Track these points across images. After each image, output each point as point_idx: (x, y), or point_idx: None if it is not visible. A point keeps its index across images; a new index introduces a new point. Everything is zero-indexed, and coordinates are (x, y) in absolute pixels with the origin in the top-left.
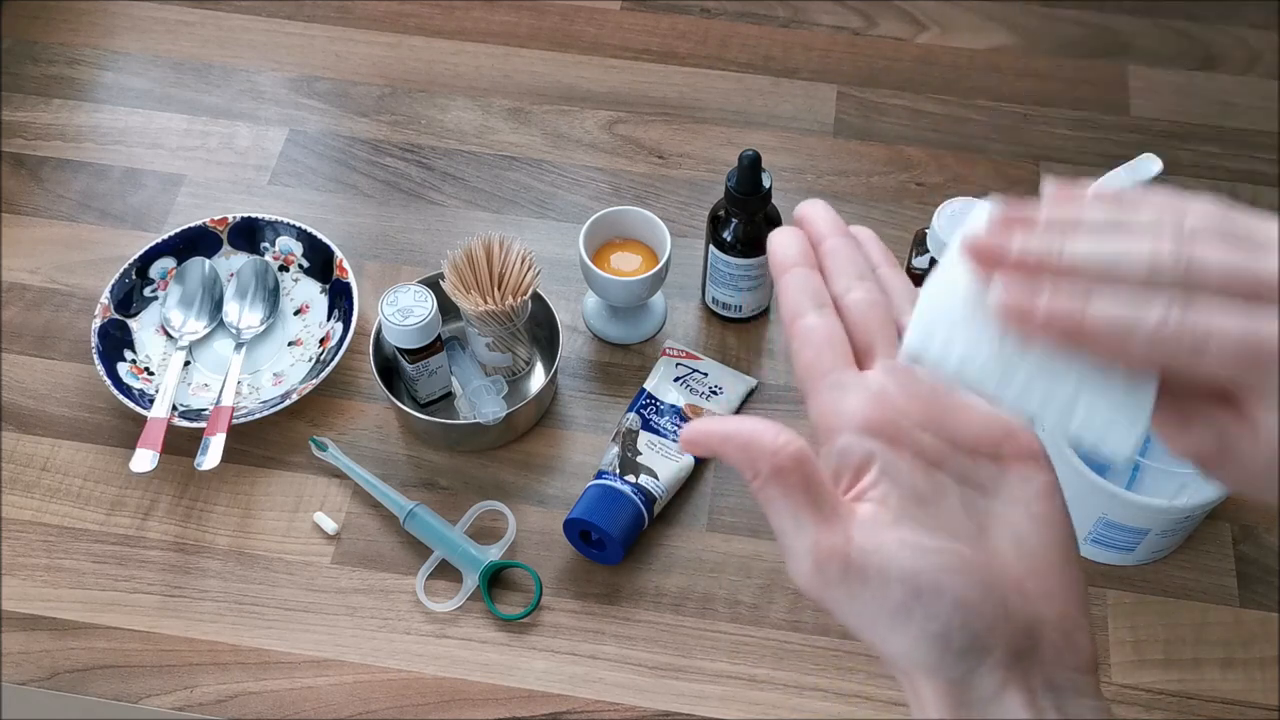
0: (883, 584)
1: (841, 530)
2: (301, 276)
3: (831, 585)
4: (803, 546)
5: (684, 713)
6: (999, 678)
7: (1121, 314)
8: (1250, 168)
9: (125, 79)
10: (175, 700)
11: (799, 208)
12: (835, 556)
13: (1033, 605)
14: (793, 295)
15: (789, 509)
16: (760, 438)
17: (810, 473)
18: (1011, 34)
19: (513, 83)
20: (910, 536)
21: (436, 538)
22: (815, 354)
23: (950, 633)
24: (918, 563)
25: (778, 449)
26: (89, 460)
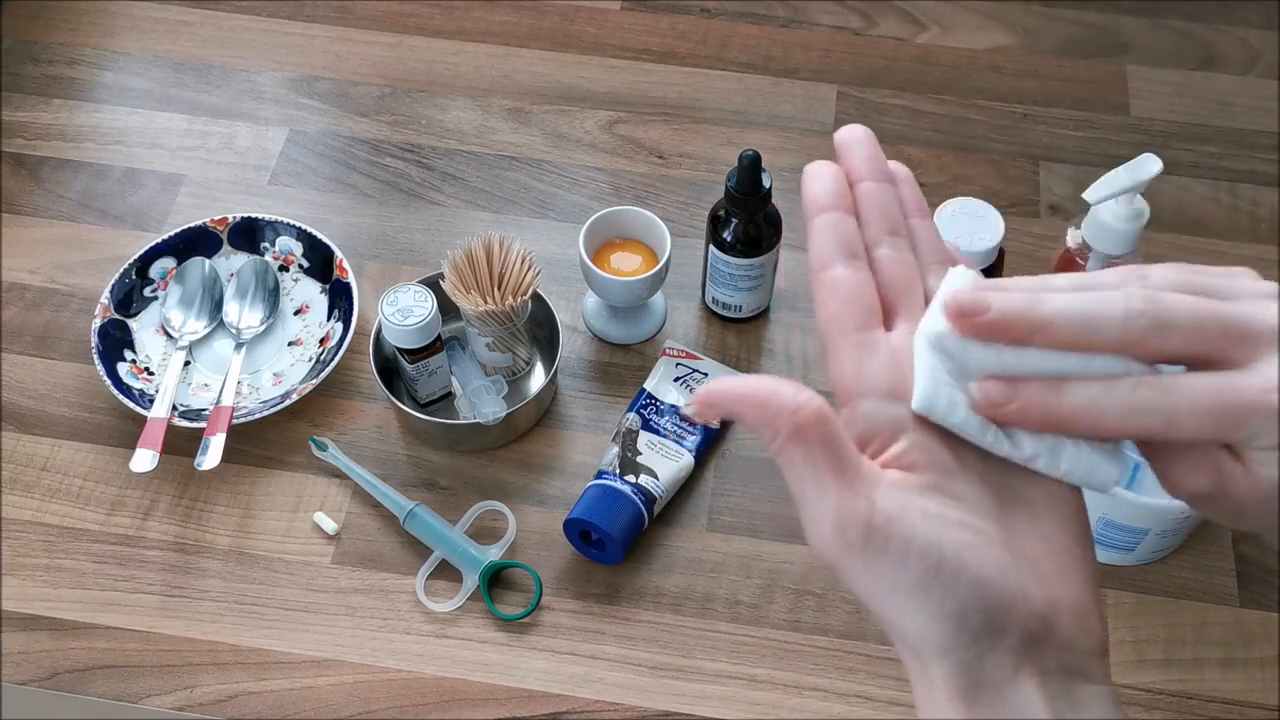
0: (903, 555)
1: (865, 494)
2: (301, 276)
3: (851, 551)
4: (823, 509)
5: (684, 713)
6: (1012, 661)
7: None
8: (1250, 168)
9: (125, 79)
10: (175, 700)
11: (840, 133)
12: (857, 520)
13: (1049, 587)
14: (823, 243)
15: (810, 470)
16: (779, 395)
17: (833, 432)
18: (1011, 34)
19: (513, 83)
20: (935, 507)
21: (436, 538)
22: (841, 307)
23: (967, 613)
24: (941, 536)
25: (798, 407)
26: (89, 460)
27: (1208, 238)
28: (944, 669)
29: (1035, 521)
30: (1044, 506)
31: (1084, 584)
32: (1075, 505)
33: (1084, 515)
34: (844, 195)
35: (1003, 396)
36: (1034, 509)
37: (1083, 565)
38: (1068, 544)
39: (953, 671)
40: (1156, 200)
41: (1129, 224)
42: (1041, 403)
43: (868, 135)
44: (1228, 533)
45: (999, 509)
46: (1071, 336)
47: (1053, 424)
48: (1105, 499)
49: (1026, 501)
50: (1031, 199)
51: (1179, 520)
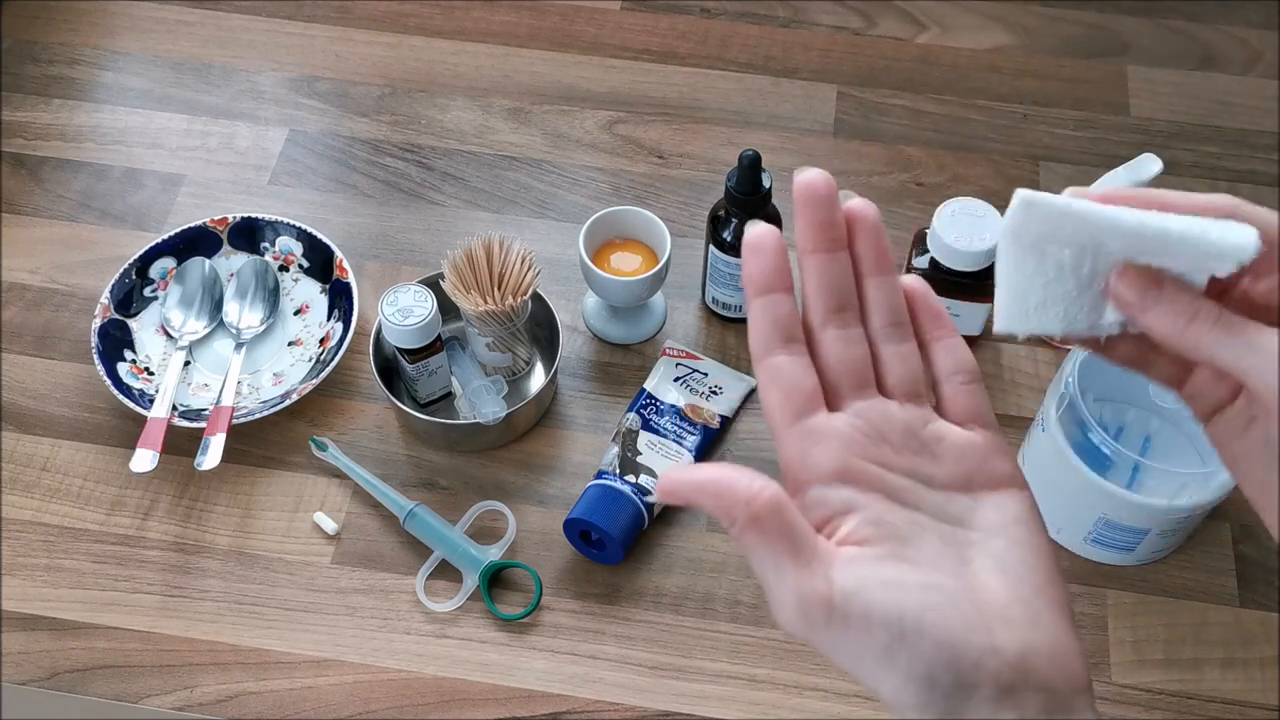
0: (866, 627)
1: (823, 574)
2: (301, 276)
3: (816, 629)
4: (785, 591)
5: (684, 713)
6: (989, 710)
7: None
8: (1250, 168)
9: (125, 79)
10: (175, 700)
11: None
12: (818, 601)
13: (1020, 633)
14: (761, 329)
15: (769, 555)
16: (734, 486)
17: (787, 518)
18: (1011, 34)
19: (513, 83)
20: (892, 574)
21: (436, 538)
22: (784, 397)
23: (935, 673)
24: (900, 603)
25: (752, 496)
26: (89, 460)
27: None
28: None
29: (1000, 571)
30: (1008, 555)
31: (1058, 625)
32: (1041, 546)
33: (1051, 555)
34: (782, 273)
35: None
36: (998, 559)
37: (1054, 606)
38: (1037, 587)
39: None
40: None
41: None
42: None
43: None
44: (1228, 533)
45: (960, 565)
46: None
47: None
48: (1105, 499)
49: (988, 551)
50: None
51: (1179, 520)
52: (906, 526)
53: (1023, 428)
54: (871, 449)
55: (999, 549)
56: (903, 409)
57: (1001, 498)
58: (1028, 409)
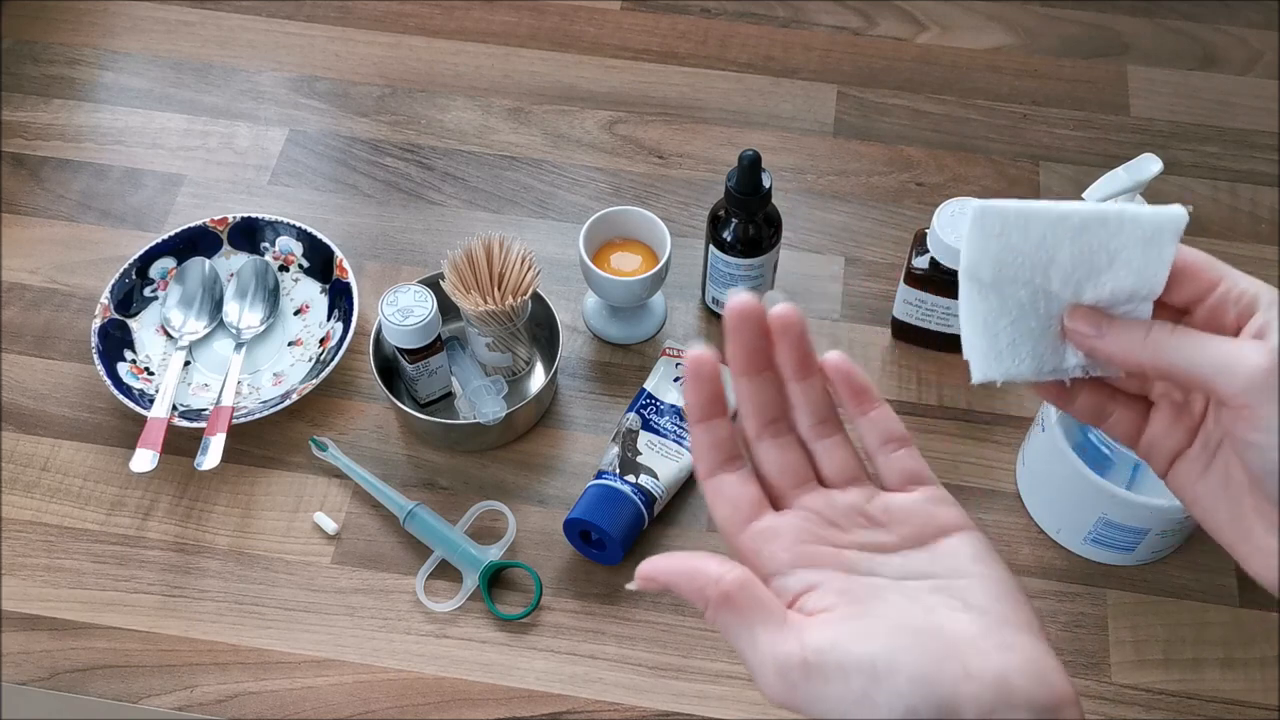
0: (842, 677)
1: (795, 637)
2: (301, 276)
3: (797, 688)
4: (762, 659)
5: (684, 713)
6: None
7: None
8: (1250, 168)
9: (125, 79)
10: (175, 700)
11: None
12: (794, 662)
13: (993, 659)
14: (704, 452)
15: (743, 628)
16: (705, 569)
17: (756, 593)
18: (1011, 34)
19: (513, 83)
20: (860, 628)
21: (436, 538)
22: (731, 510)
23: (916, 708)
24: (871, 649)
25: (721, 575)
26: (89, 460)
27: (1208, 238)
28: None
29: (965, 609)
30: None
31: (1029, 644)
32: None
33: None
34: (718, 399)
35: None
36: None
37: (1023, 629)
38: (1003, 616)
39: None
40: (1156, 200)
41: None
42: None
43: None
44: None
45: (926, 612)
46: None
47: None
48: (1105, 499)
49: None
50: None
51: (1179, 520)
52: (868, 590)
53: (1023, 428)
54: (821, 533)
55: (961, 588)
56: (844, 494)
57: (954, 541)
58: (1028, 409)
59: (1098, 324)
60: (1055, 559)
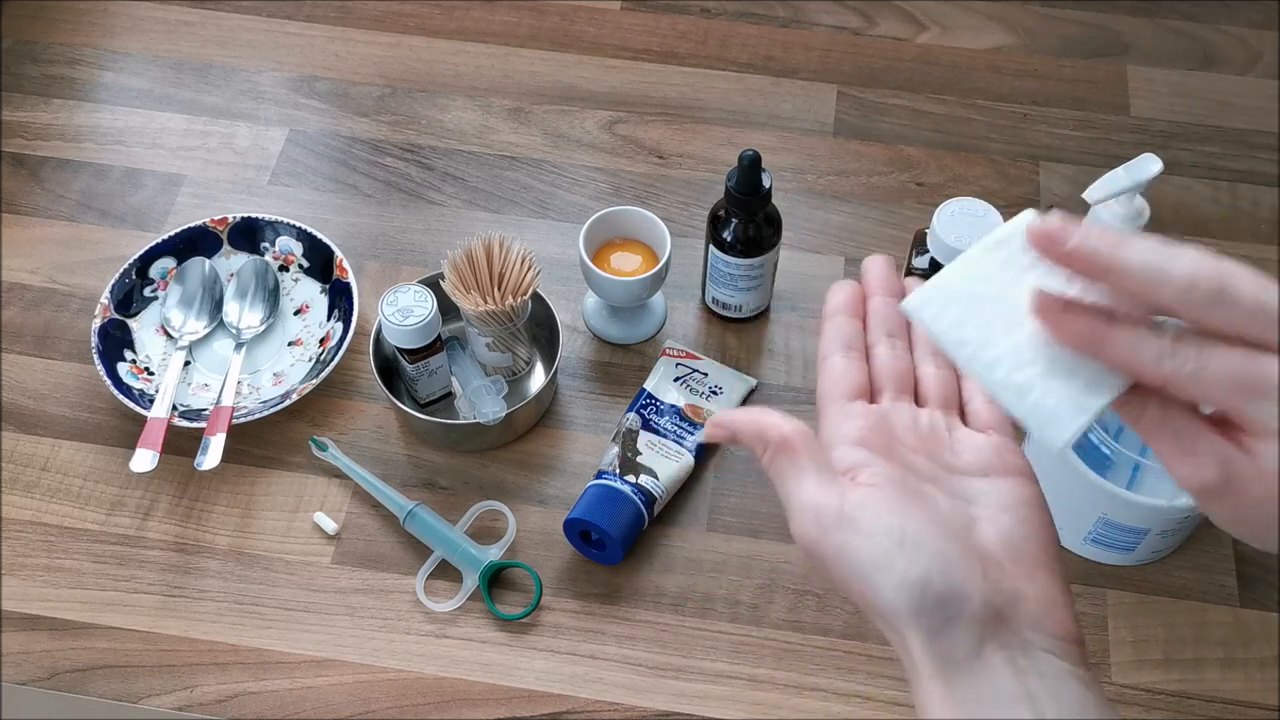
0: (870, 533)
1: (838, 491)
2: (301, 276)
3: (828, 535)
4: (803, 502)
5: (684, 713)
6: (976, 633)
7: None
8: (1250, 168)
9: (125, 79)
10: (175, 700)
11: (865, 262)
12: (831, 510)
13: (1011, 579)
14: (827, 338)
15: (793, 472)
16: (769, 419)
17: (812, 446)
18: (1011, 34)
19: (513, 83)
20: (899, 507)
21: (436, 538)
22: (831, 384)
23: (929, 578)
24: (904, 522)
25: (782, 424)
26: (89, 460)
27: (1208, 238)
28: (918, 640)
29: (1001, 538)
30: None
31: (1048, 578)
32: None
33: (1052, 540)
34: (854, 305)
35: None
36: (1001, 529)
37: (1045, 562)
38: (1033, 555)
39: (926, 643)
40: (1156, 200)
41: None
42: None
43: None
44: (1228, 533)
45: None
46: (1139, 284)
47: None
48: (1105, 499)
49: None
50: (1031, 199)
51: (1179, 520)
52: (918, 488)
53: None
54: (897, 431)
55: (1004, 522)
56: (931, 414)
57: (1012, 483)
58: None
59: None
60: None
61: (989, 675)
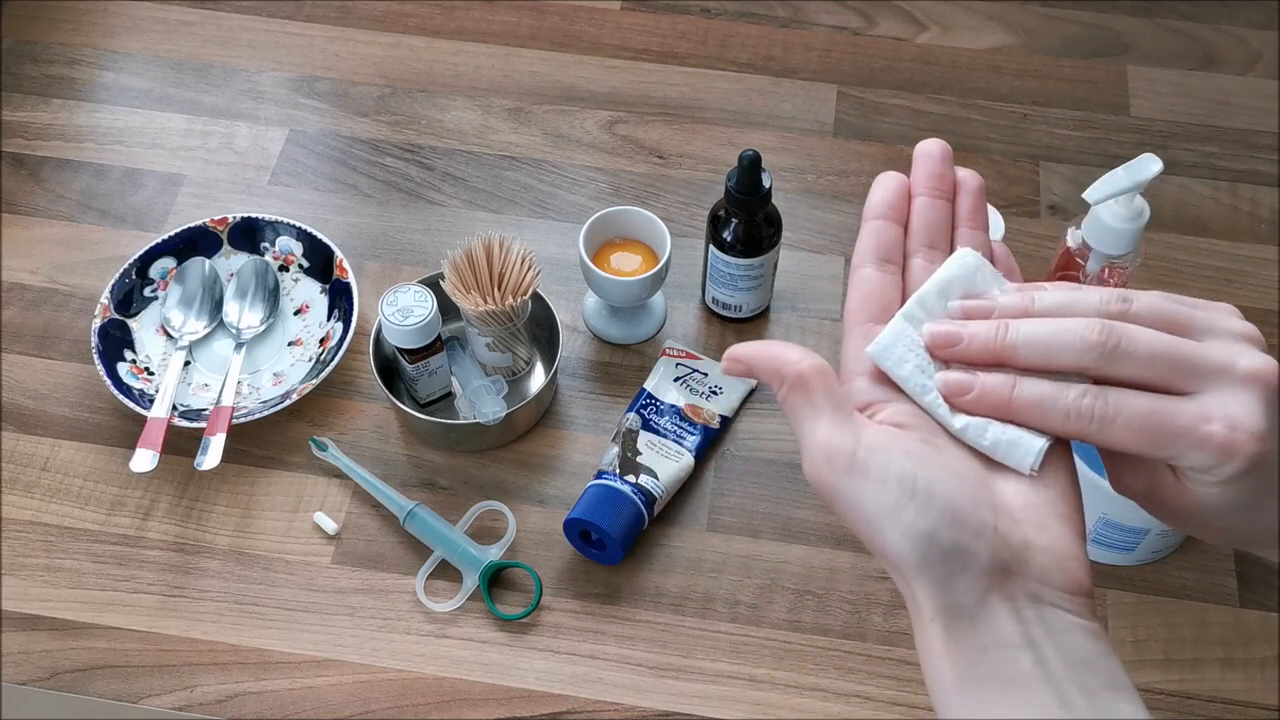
0: (882, 480)
1: (853, 432)
2: (301, 276)
3: (838, 476)
4: (816, 441)
5: (684, 713)
6: (982, 584)
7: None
8: (1250, 168)
9: (125, 79)
10: (175, 700)
11: (919, 145)
12: (844, 451)
13: (1023, 531)
14: (864, 245)
15: (808, 411)
16: (786, 354)
17: (830, 384)
18: (1011, 34)
19: (513, 83)
20: (915, 449)
21: (436, 538)
22: (861, 302)
23: (938, 531)
24: (917, 469)
25: (799, 360)
26: (89, 460)
27: (1208, 238)
28: (922, 587)
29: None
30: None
31: (1063, 532)
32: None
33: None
34: (897, 206)
35: (962, 387)
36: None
37: (1063, 516)
38: (1049, 499)
39: (929, 589)
40: (1156, 200)
41: (1129, 224)
42: (996, 395)
43: (942, 151)
44: None
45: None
46: (1034, 361)
47: (1003, 414)
48: (1105, 499)
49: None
50: (1031, 199)
51: None
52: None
53: None
54: None
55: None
56: None
57: None
58: None
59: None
60: None
61: (991, 623)
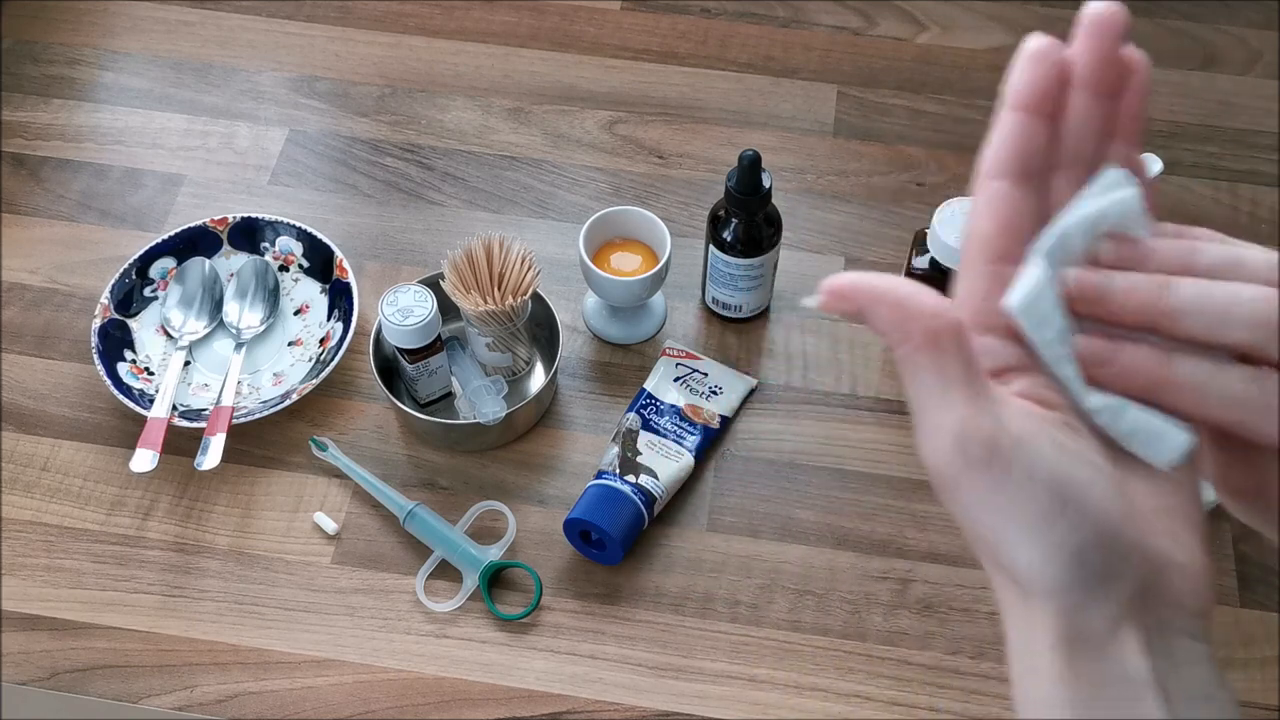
0: (1028, 482)
1: (993, 413)
2: (301, 276)
3: (971, 469)
4: (946, 420)
5: (684, 713)
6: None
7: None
8: (1250, 168)
9: (125, 79)
10: (175, 700)
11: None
12: (982, 437)
13: (1162, 543)
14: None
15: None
16: (918, 297)
17: (967, 347)
18: (1011, 34)
19: (513, 83)
20: (1066, 440)
21: (436, 538)
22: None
23: (1087, 551)
24: (1068, 469)
25: (937, 313)
26: (89, 460)
27: None
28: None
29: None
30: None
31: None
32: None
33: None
34: (1049, 97)
35: (1105, 354)
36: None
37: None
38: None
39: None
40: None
41: None
42: (1146, 369)
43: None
44: (1228, 533)
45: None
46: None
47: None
48: None
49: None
50: None
51: None
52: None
53: None
54: None
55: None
56: None
57: None
58: None
59: None
60: None
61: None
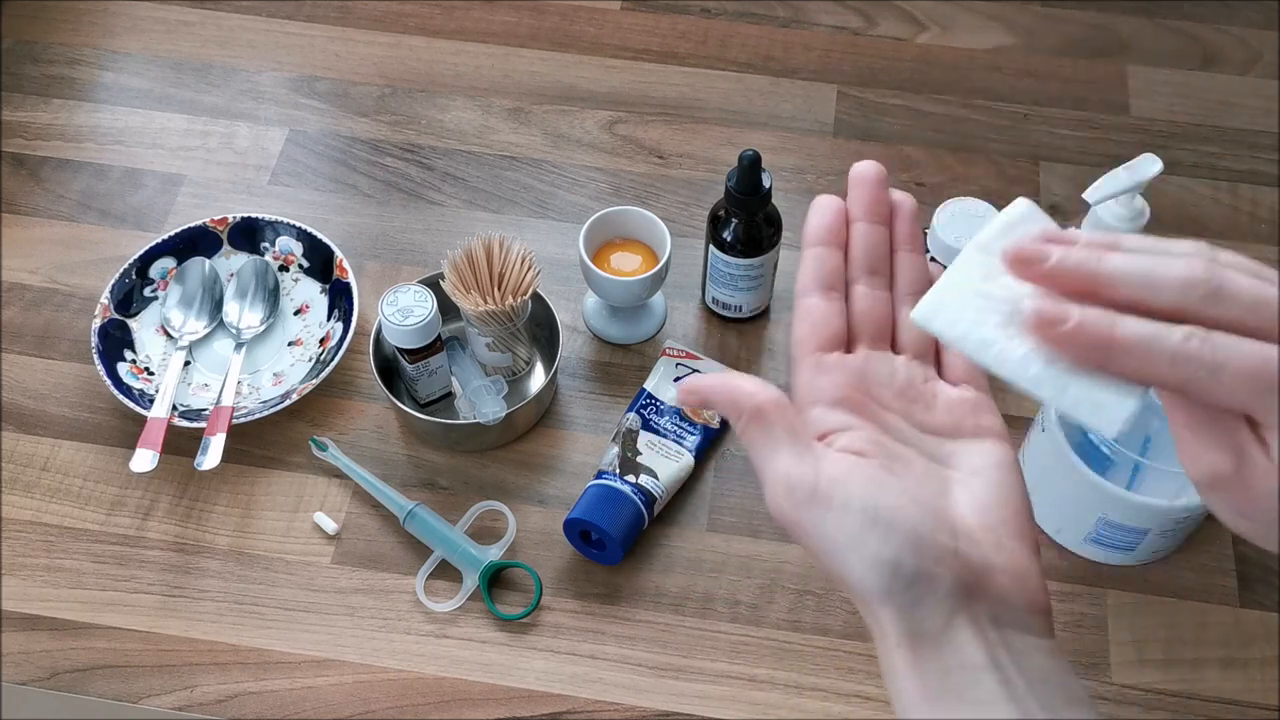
0: (844, 510)
1: (813, 463)
2: (301, 276)
3: (800, 508)
4: (777, 473)
5: (684, 713)
6: (948, 607)
7: (1147, 334)
8: (1250, 168)
9: (125, 79)
10: (175, 700)
11: (854, 168)
12: (804, 483)
13: (983, 551)
14: (806, 273)
15: (767, 444)
16: (741, 385)
17: (787, 416)
18: (1011, 34)
19: (513, 83)
20: (876, 477)
21: (436, 538)
22: (809, 331)
23: (901, 558)
24: (878, 497)
25: (756, 393)
26: (89, 460)
27: (1208, 238)
28: (889, 614)
29: (973, 504)
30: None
31: (1018, 547)
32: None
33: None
34: (837, 231)
35: (1057, 315)
36: (973, 494)
37: (1017, 529)
38: (1005, 520)
39: (896, 616)
40: (1156, 200)
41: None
42: (1095, 328)
43: (877, 175)
44: (1228, 533)
45: (939, 491)
46: (1129, 295)
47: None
48: (1105, 499)
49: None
50: (1031, 199)
51: (1179, 520)
52: (896, 452)
53: (1022, 428)
54: (873, 388)
55: (975, 486)
56: (908, 364)
57: (984, 445)
58: (1028, 409)
59: None
60: (1055, 559)
61: (957, 647)
